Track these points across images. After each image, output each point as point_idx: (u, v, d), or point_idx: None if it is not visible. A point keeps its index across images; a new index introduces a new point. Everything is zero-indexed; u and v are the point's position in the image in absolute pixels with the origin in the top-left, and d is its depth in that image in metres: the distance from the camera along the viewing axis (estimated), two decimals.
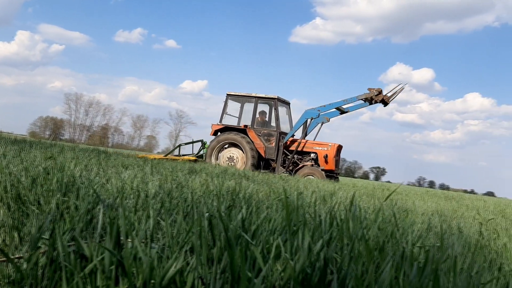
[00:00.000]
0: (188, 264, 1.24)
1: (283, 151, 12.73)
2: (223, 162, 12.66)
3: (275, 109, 12.84)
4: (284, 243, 1.42)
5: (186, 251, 1.37)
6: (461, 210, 5.32)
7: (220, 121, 13.13)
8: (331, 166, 12.36)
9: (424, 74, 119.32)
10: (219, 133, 13.00)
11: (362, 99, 12.43)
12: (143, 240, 1.43)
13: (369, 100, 12.30)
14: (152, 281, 1.14)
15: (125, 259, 1.15)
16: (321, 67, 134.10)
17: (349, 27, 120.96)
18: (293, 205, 1.68)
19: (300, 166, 12.54)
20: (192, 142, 14.48)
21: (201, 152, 14.06)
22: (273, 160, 12.65)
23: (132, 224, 1.63)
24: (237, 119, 13.39)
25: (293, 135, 13.07)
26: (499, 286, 1.40)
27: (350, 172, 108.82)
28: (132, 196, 2.45)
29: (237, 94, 13.26)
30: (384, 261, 1.33)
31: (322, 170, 12.08)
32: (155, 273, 1.15)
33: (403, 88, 12.57)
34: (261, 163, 12.71)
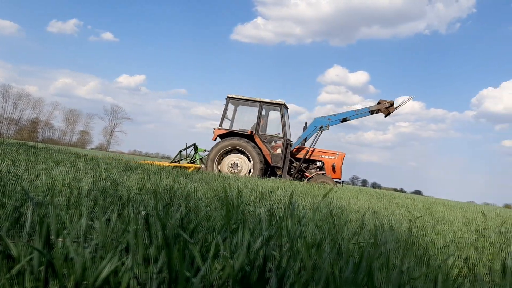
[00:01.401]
0: (123, 264, 1.19)
1: (290, 159, 12.46)
2: (226, 169, 12.06)
3: (281, 115, 12.48)
4: (223, 241, 1.40)
5: (121, 250, 1.32)
6: (392, 208, 5.55)
7: (220, 125, 12.43)
8: (338, 175, 12.46)
9: (360, 77, 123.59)
10: (217, 138, 12.42)
11: (374, 110, 12.64)
12: (75, 240, 1.36)
13: (377, 111, 12.62)
14: (85, 282, 1.09)
15: (56, 259, 1.09)
16: (261, 67, 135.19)
17: (289, 28, 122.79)
18: (232, 203, 1.66)
19: (313, 174, 12.31)
20: (187, 147, 13.18)
21: (196, 157, 12.90)
22: (278, 167, 12.34)
23: (63, 222, 1.55)
24: (229, 122, 12.90)
25: (305, 140, 12.80)
26: (428, 281, 1.46)
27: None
28: (63, 193, 2.33)
29: (239, 97, 12.65)
30: (321, 258, 1.34)
31: (320, 175, 12.16)
32: (87, 274, 1.10)
33: (410, 99, 12.92)
34: (268, 170, 12.42)
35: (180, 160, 12.87)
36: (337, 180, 12.46)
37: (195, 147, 13.03)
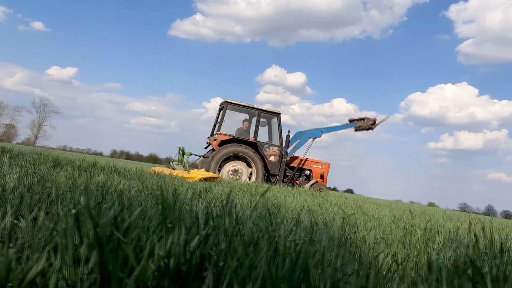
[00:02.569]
0: (51, 265, 1.13)
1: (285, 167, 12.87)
2: (225, 175, 11.96)
3: (278, 124, 12.88)
4: (159, 240, 1.37)
5: (49, 250, 1.25)
6: (326, 205, 5.69)
7: (219, 130, 12.29)
8: (324, 183, 13.44)
9: (298, 78, 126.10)
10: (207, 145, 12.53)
11: (359, 126, 14.02)
12: None
13: (365, 127, 14.01)
14: (9, 284, 1.02)
15: None
16: (200, 63, 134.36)
17: (229, 26, 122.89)
18: (168, 201, 1.63)
19: (313, 181, 12.96)
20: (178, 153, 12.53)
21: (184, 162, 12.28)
22: (274, 175, 12.60)
23: None
24: (217, 126, 12.71)
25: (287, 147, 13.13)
26: (361, 276, 1.50)
27: None
28: None
29: (237, 103, 12.66)
30: (259, 256, 1.34)
31: (315, 182, 12.90)
32: (12, 275, 1.03)
33: (388, 118, 14.46)
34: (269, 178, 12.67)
35: (173, 166, 12.01)
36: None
37: (182, 151, 12.36)
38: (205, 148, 13.53)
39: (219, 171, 12.08)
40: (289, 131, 13.35)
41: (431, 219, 5.89)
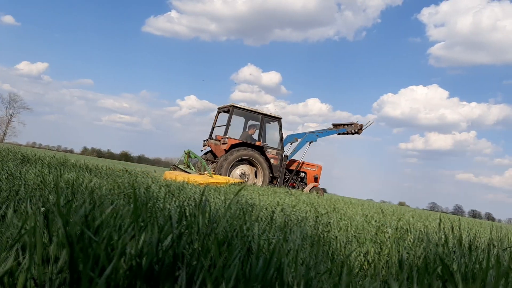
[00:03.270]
0: (19, 264, 1.10)
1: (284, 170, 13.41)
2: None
3: (280, 129, 13.35)
4: (131, 239, 1.35)
5: (17, 249, 1.22)
6: (299, 204, 5.72)
7: (225, 133, 12.39)
8: (317, 184, 14.10)
9: (273, 77, 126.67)
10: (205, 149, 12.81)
11: (348, 131, 14.91)
12: None
13: (353, 131, 14.95)
14: None
15: None
16: (174, 61, 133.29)
17: (204, 24, 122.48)
18: (141, 199, 1.61)
19: (311, 186, 13.49)
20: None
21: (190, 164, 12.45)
22: (276, 178, 13.02)
23: None
24: (211, 129, 13.25)
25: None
26: (333, 275, 1.51)
27: (199, 168, 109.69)
28: None
29: (243, 107, 12.84)
30: (232, 255, 1.34)
31: (313, 186, 13.54)
32: None
33: (373, 123, 15.35)
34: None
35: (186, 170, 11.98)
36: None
37: (189, 154, 12.47)
38: (201, 150, 13.51)
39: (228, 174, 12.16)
40: (285, 137, 14.06)
41: (401, 218, 6.00)
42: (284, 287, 1.26)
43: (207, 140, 13.26)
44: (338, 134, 15.23)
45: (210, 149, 13.16)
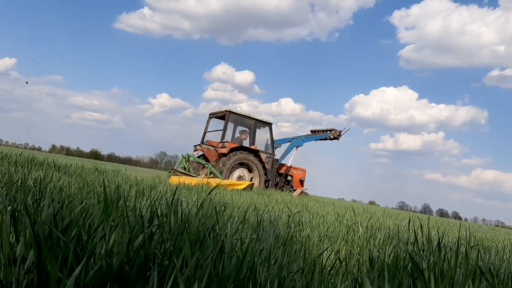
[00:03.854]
0: None
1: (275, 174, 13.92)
2: None
3: (271, 133, 13.94)
4: (101, 239, 1.32)
5: None
6: (272, 204, 5.73)
7: (223, 138, 12.84)
8: (302, 186, 14.78)
9: (246, 76, 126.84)
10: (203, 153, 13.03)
11: (329, 137, 15.72)
12: None
13: (332, 137, 15.75)
14: None
15: None
16: (146, 58, 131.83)
17: (177, 22, 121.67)
18: (111, 198, 1.58)
19: (300, 190, 13.66)
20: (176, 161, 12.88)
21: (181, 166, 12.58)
22: (267, 180, 13.44)
23: None
24: (203, 134, 13.66)
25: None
26: (306, 274, 1.52)
27: (170, 167, 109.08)
28: None
29: (238, 113, 13.28)
30: (205, 255, 1.33)
31: (302, 191, 13.87)
32: None
33: (349, 129, 16.10)
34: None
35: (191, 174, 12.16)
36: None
37: (188, 159, 12.66)
38: (194, 154, 13.56)
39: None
40: (267, 140, 14.19)
41: (372, 217, 6.08)
42: (257, 287, 1.26)
43: (199, 145, 13.46)
44: (321, 139, 15.95)
45: (201, 153, 13.36)
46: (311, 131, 16.24)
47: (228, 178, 12.27)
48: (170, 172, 12.25)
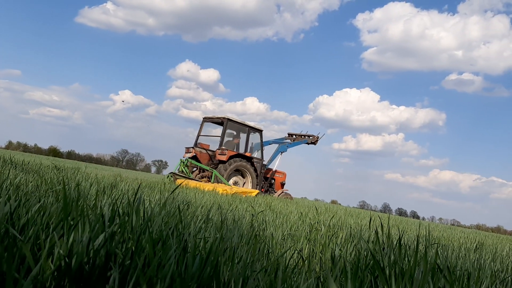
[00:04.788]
0: None
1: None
2: None
3: (261, 140, 14.73)
4: (59, 238, 1.28)
5: None
6: (236, 203, 5.73)
7: (221, 145, 13.41)
8: (283, 188, 15.80)
9: (211, 75, 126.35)
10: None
11: (309, 142, 16.61)
12: None
13: (310, 142, 16.65)
14: None
15: None
16: (108, 54, 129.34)
17: (141, 17, 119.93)
18: (71, 197, 1.53)
19: (280, 192, 14.91)
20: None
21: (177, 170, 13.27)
22: (257, 185, 14.11)
23: None
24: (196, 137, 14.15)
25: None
26: (269, 273, 1.52)
27: (132, 165, 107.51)
28: None
29: (235, 120, 13.90)
30: (167, 254, 1.31)
31: (283, 192, 14.97)
32: None
33: (324, 134, 16.96)
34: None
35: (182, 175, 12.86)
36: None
37: (186, 163, 13.34)
38: (183, 157, 14.00)
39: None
40: (252, 143, 14.94)
41: (334, 216, 6.17)
42: (220, 286, 1.25)
43: (192, 147, 13.88)
44: (301, 144, 16.82)
45: (192, 156, 13.83)
46: (289, 134, 17.24)
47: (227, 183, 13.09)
48: (168, 176, 12.72)
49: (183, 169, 13.23)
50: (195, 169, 13.52)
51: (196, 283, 1.23)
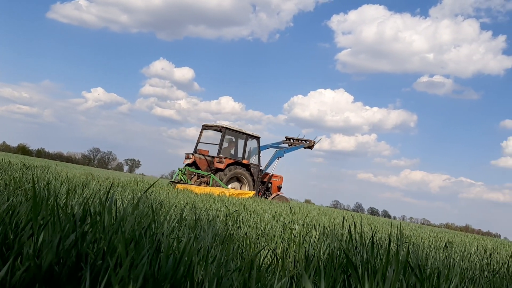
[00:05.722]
0: None
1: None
2: None
3: (258, 146, 15.31)
4: (29, 238, 1.25)
5: None
6: (210, 202, 5.71)
7: (219, 153, 13.92)
8: (280, 192, 16.20)
9: (186, 73, 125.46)
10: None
11: (306, 146, 17.06)
12: None
13: (307, 147, 17.10)
14: None
15: None
16: (80, 51, 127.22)
17: (114, 14, 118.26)
18: (40, 196, 1.50)
19: (274, 195, 15.43)
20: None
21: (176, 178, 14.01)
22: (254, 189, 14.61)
23: None
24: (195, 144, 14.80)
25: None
26: (243, 272, 1.52)
27: (104, 163, 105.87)
28: None
29: (232, 128, 14.61)
30: (140, 254, 1.29)
31: (277, 194, 15.54)
32: None
33: (320, 139, 17.64)
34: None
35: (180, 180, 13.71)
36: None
37: (184, 172, 14.02)
38: (183, 163, 14.79)
39: None
40: (250, 148, 15.39)
41: (308, 215, 6.21)
42: (194, 286, 1.25)
43: (192, 154, 14.59)
44: (299, 149, 17.36)
45: (192, 162, 14.51)
46: (286, 138, 17.78)
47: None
48: (168, 185, 13.38)
49: (182, 178, 13.90)
50: (193, 175, 14.21)
51: (169, 283, 1.21)
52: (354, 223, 2.38)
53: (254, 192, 13.34)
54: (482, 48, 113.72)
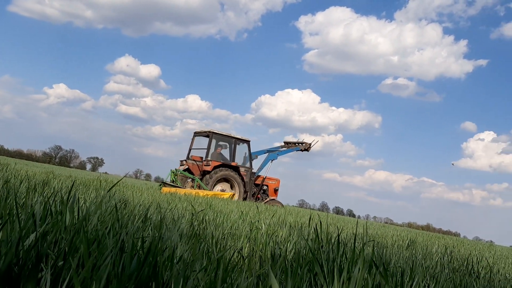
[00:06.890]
0: None
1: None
2: None
3: (249, 150, 15.56)
4: None
5: None
6: (175, 201, 5.65)
7: (206, 156, 14.40)
8: (276, 195, 16.53)
9: (152, 70, 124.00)
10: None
11: (301, 149, 17.29)
12: None
13: (304, 149, 17.33)
14: None
15: None
16: (42, 46, 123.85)
17: (78, 9, 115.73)
18: None
19: (268, 199, 15.63)
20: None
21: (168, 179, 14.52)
22: (246, 192, 15.04)
23: None
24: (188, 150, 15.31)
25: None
26: (209, 272, 1.50)
27: (66, 162, 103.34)
28: None
29: (219, 133, 14.97)
30: (103, 255, 1.26)
31: (272, 199, 15.77)
32: None
33: (317, 141, 17.78)
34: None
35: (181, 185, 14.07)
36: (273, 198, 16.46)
37: (176, 173, 14.52)
38: (180, 168, 15.20)
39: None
40: (245, 153, 15.73)
41: (274, 214, 6.24)
42: (159, 287, 1.22)
43: (185, 160, 15.16)
44: (293, 151, 17.68)
45: (186, 168, 15.03)
46: (284, 142, 18.05)
47: (211, 191, 13.98)
48: (161, 185, 13.88)
49: (174, 179, 14.36)
50: (189, 180, 14.65)
51: (133, 284, 1.19)
52: (320, 222, 2.40)
53: (234, 193, 13.56)
54: (444, 52, 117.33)
